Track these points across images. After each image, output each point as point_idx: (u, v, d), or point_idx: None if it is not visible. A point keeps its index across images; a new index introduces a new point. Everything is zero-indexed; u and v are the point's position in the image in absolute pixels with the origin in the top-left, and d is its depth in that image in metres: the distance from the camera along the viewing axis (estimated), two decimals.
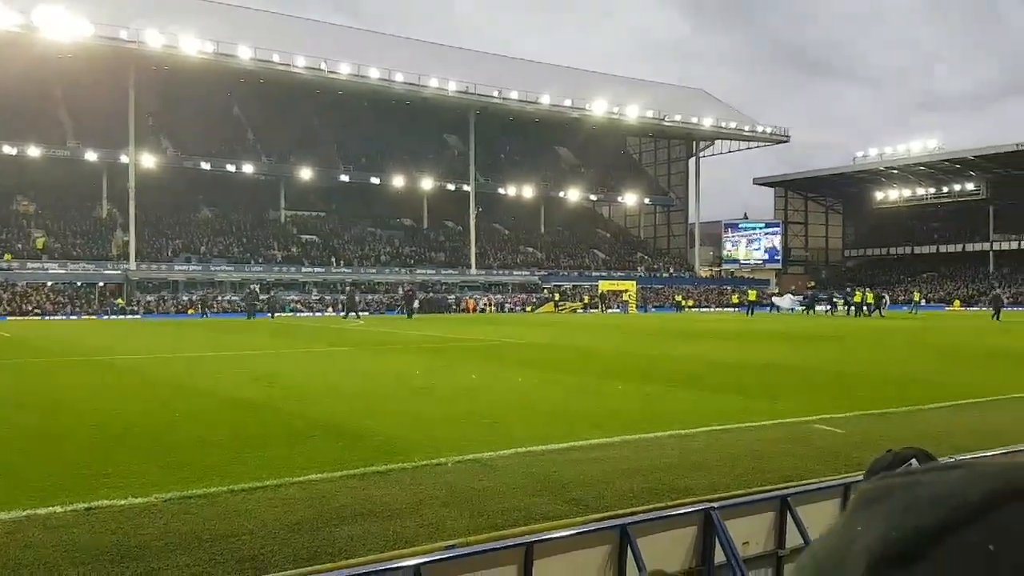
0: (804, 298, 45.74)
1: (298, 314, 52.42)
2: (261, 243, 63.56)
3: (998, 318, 34.40)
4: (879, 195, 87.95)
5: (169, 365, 13.66)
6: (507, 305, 61.40)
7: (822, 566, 0.45)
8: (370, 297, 58.78)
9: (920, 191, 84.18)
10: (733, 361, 14.22)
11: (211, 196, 66.52)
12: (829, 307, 45.40)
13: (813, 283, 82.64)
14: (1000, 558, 0.40)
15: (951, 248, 79.86)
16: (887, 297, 47.30)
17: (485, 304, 60.95)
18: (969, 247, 78.24)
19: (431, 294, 59.97)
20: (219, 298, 50.67)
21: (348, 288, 43.83)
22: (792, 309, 44.58)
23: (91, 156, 57.41)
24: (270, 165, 65.94)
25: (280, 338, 23.00)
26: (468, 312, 57.81)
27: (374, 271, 63.18)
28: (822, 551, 0.45)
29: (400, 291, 44.28)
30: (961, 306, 65.65)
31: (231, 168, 62.89)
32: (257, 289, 48.77)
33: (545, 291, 66.81)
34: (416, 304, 56.98)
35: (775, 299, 50.75)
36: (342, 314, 39.08)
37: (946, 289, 72.82)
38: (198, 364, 14.02)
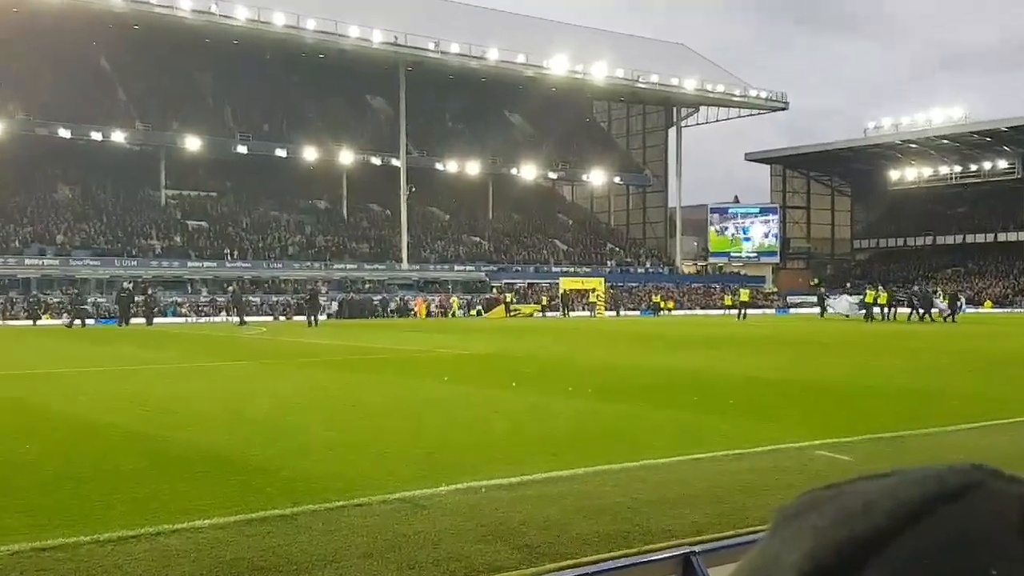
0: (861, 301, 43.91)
1: (184, 320, 51.72)
2: (136, 231, 62.36)
3: None
4: (894, 174, 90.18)
5: (18, 384, 13.32)
6: (452, 309, 61.40)
7: None
8: (275, 299, 58.46)
9: (943, 170, 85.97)
10: (720, 373, 14.48)
11: (72, 171, 64.97)
12: (919, 310, 42.17)
13: (817, 280, 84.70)
14: (941, 563, 0.42)
15: (980, 238, 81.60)
16: (963, 300, 47.12)
17: (438, 306, 61.06)
18: (1002, 237, 79.85)
19: (351, 295, 59.80)
20: (87, 299, 49.49)
21: (233, 287, 43.29)
22: (848, 315, 44.66)
23: None
24: (147, 133, 64.71)
25: (160, 350, 22.60)
26: (416, 316, 57.84)
27: (279, 266, 62.73)
28: None
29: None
30: (993, 306, 67.44)
31: (97, 136, 61.54)
32: (131, 288, 47.91)
33: (494, 290, 67.08)
34: (335, 308, 57.06)
35: (830, 302, 50.17)
36: (235, 320, 38.72)
37: (974, 287, 73.92)
38: (56, 383, 13.71)
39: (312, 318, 38.65)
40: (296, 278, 61.62)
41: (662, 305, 64.38)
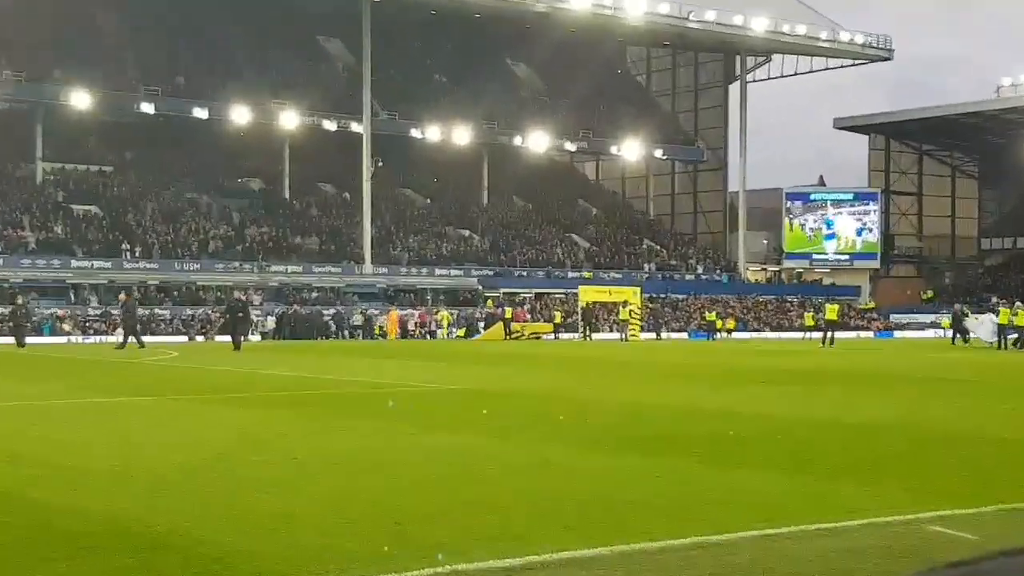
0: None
1: (67, 340, 51.79)
2: (1, 216, 62.48)
3: None
4: None
5: None
6: (433, 326, 61.61)
7: None
8: (190, 312, 58.68)
9: None
10: (797, 418, 14.47)
11: None
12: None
13: (930, 292, 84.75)
14: None
15: None
16: None
17: (419, 324, 61.34)
18: None
19: (294, 308, 60.04)
20: None
21: (123, 296, 42.73)
22: (991, 343, 44.09)
23: None
24: (19, 85, 64.85)
25: (35, 382, 22.62)
26: (385, 337, 58.19)
27: (196, 267, 63.08)
28: None
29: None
30: None
31: None
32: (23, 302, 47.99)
33: (489, 302, 67.27)
34: (271, 325, 57.22)
35: (971, 323, 49.19)
36: (130, 340, 38.39)
37: None
38: None
39: (238, 339, 38.54)
40: (220, 284, 61.90)
41: (719, 325, 64.52)
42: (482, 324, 61.98)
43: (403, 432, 12.95)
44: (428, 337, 60.90)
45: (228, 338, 40.86)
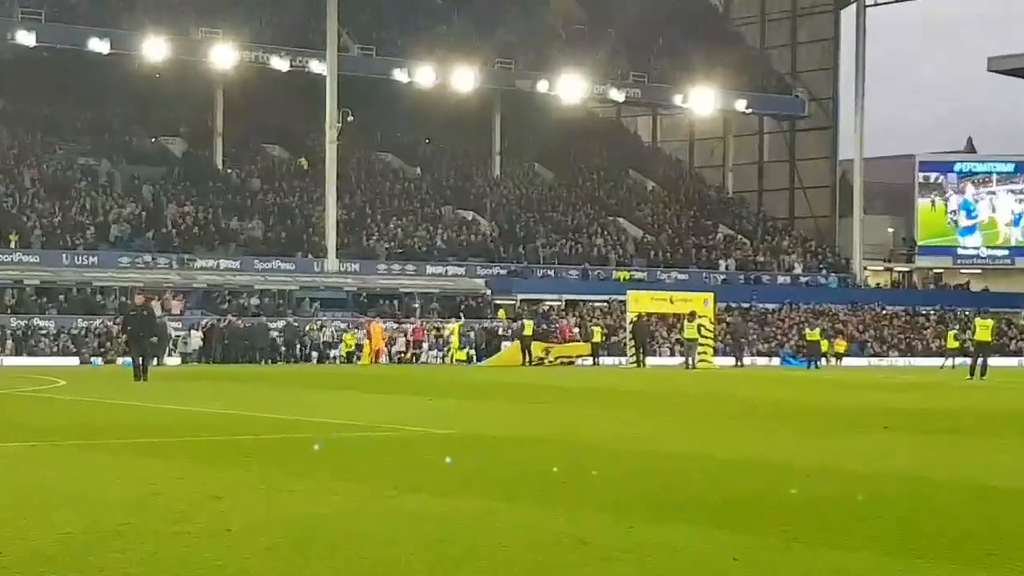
0: None
1: None
2: None
3: None
4: None
5: None
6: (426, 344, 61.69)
7: None
8: (82, 323, 58.65)
9: None
10: (935, 479, 14.38)
11: None
12: None
13: None
14: None
15: None
16: None
17: (411, 343, 61.57)
18: None
19: (228, 318, 60.04)
20: None
21: (139, 299, 42.87)
22: None
23: None
24: None
25: None
26: (357, 359, 58.34)
27: (92, 260, 62.99)
28: None
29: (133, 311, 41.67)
30: None
31: None
32: None
33: (501, 313, 67.09)
34: (196, 343, 56.93)
35: None
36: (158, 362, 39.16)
37: None
38: None
39: (142, 362, 37.19)
40: (125, 284, 61.88)
41: (824, 347, 64.28)
42: (507, 344, 61.81)
43: (376, 493, 12.88)
44: (416, 360, 60.96)
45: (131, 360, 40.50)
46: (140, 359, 36.62)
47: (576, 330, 63.91)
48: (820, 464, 16.09)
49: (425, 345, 62.52)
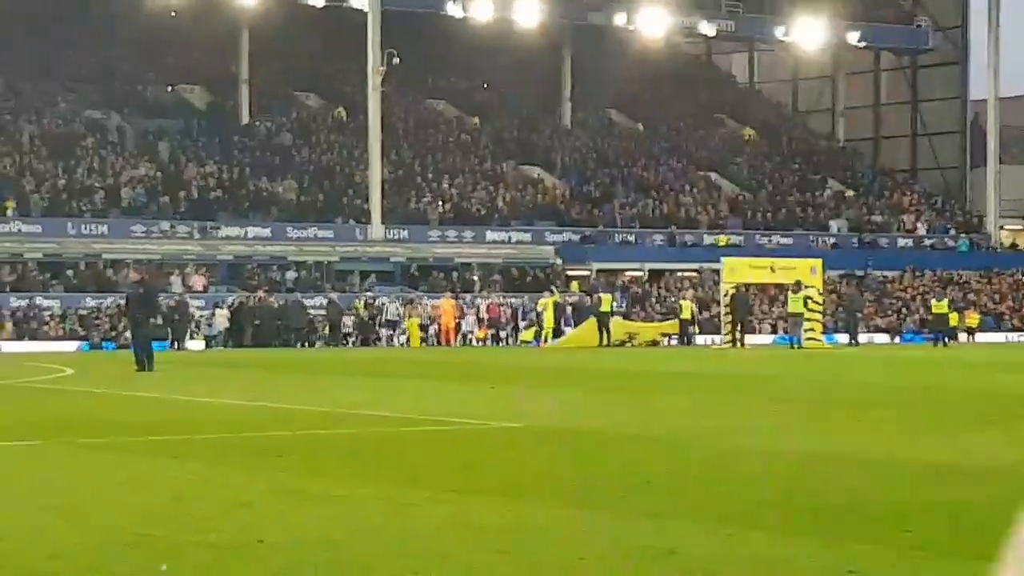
0: None
1: None
2: None
3: None
4: None
5: None
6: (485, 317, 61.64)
7: None
8: (91, 302, 58.84)
9: None
10: None
11: None
12: None
13: None
14: None
15: None
16: None
17: (486, 321, 61.42)
18: None
19: (260, 294, 60.08)
20: None
21: (133, 276, 42.95)
22: None
23: None
24: None
25: None
26: (407, 342, 58.61)
27: (102, 230, 63.21)
28: None
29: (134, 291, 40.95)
30: None
31: None
32: None
33: (574, 285, 66.91)
34: (221, 323, 56.80)
35: None
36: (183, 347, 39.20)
37: None
38: None
39: (142, 349, 36.53)
40: (139, 257, 62.05)
41: (954, 320, 63.81)
42: (529, 329, 61.47)
43: (432, 499, 12.89)
44: (498, 342, 60.82)
45: (156, 344, 40.64)
46: (143, 344, 36.05)
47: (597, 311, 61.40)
48: (944, 461, 15.99)
49: (547, 315, 61.80)
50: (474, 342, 60.95)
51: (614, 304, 60.84)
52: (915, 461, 15.99)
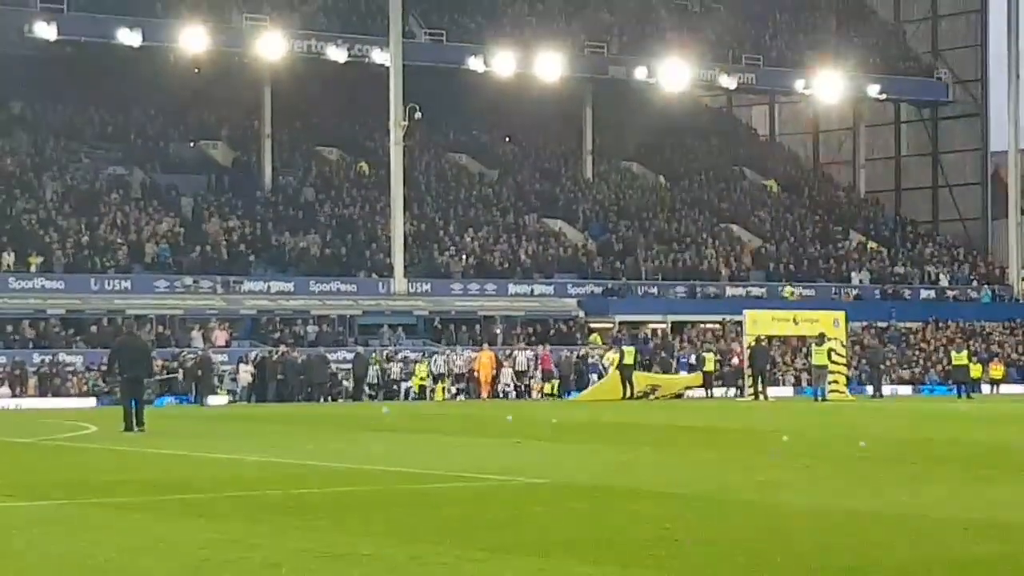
0: None
1: None
2: None
3: None
4: None
5: None
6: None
7: None
8: (73, 361, 58.57)
9: None
10: None
11: None
12: None
13: None
14: None
15: None
16: None
17: (515, 377, 61.29)
18: None
19: (282, 349, 60.08)
20: None
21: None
22: None
23: None
24: None
25: None
26: (431, 397, 58.76)
27: (125, 285, 63.27)
28: None
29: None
30: None
31: None
32: None
33: (595, 338, 66.87)
34: (245, 378, 56.88)
35: None
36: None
37: None
38: None
39: (130, 405, 35.16)
40: (162, 312, 62.14)
41: (976, 373, 63.63)
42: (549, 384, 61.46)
43: (463, 556, 12.83)
44: (529, 395, 60.84)
45: (179, 399, 40.41)
46: (132, 402, 33.98)
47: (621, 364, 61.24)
48: (980, 517, 15.90)
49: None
50: (512, 395, 60.92)
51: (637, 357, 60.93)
52: (949, 516, 15.92)
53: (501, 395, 60.18)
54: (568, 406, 54.44)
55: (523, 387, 61.73)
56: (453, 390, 61.12)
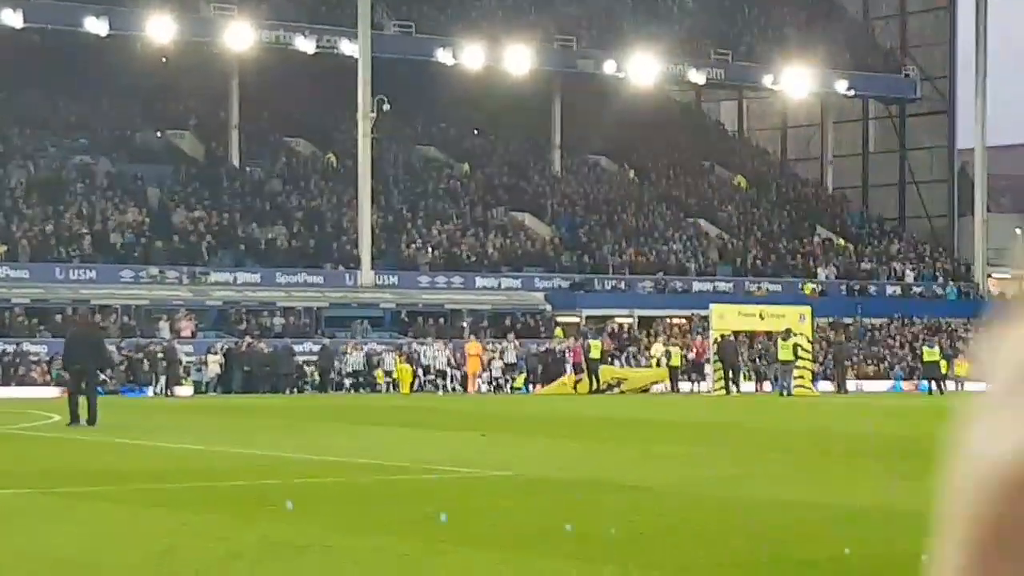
0: None
1: None
2: None
3: None
4: None
5: None
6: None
7: None
8: (38, 350, 58.32)
9: None
10: None
11: None
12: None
13: None
14: None
15: None
16: None
17: (500, 368, 61.29)
18: None
19: (248, 341, 59.93)
20: None
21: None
22: None
23: None
24: None
25: None
26: (396, 387, 58.46)
27: (90, 275, 62.98)
28: None
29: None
30: None
31: None
32: None
33: (558, 331, 66.84)
34: (214, 369, 56.76)
35: None
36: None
37: None
38: None
39: (81, 399, 34.37)
40: (127, 302, 61.90)
41: (944, 368, 63.74)
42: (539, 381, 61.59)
43: (427, 549, 12.84)
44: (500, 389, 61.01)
45: (147, 391, 40.20)
46: (80, 396, 32.71)
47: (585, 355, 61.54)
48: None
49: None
50: (509, 390, 61.11)
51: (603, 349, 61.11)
52: (915, 511, 15.96)
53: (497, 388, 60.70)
54: (532, 400, 54.49)
55: (505, 380, 61.92)
56: (439, 383, 61.29)
